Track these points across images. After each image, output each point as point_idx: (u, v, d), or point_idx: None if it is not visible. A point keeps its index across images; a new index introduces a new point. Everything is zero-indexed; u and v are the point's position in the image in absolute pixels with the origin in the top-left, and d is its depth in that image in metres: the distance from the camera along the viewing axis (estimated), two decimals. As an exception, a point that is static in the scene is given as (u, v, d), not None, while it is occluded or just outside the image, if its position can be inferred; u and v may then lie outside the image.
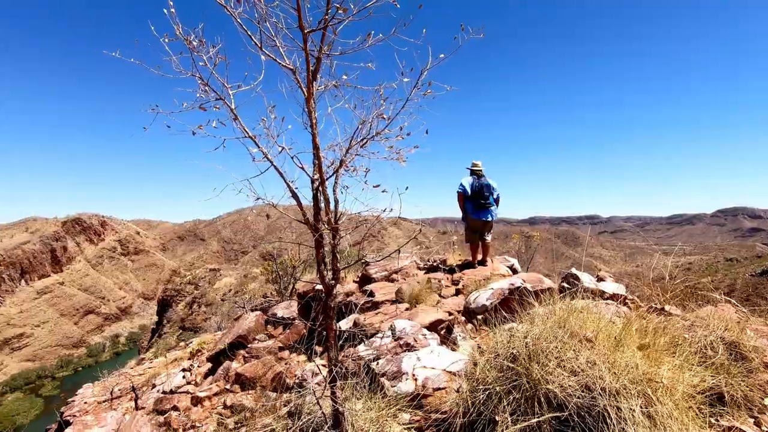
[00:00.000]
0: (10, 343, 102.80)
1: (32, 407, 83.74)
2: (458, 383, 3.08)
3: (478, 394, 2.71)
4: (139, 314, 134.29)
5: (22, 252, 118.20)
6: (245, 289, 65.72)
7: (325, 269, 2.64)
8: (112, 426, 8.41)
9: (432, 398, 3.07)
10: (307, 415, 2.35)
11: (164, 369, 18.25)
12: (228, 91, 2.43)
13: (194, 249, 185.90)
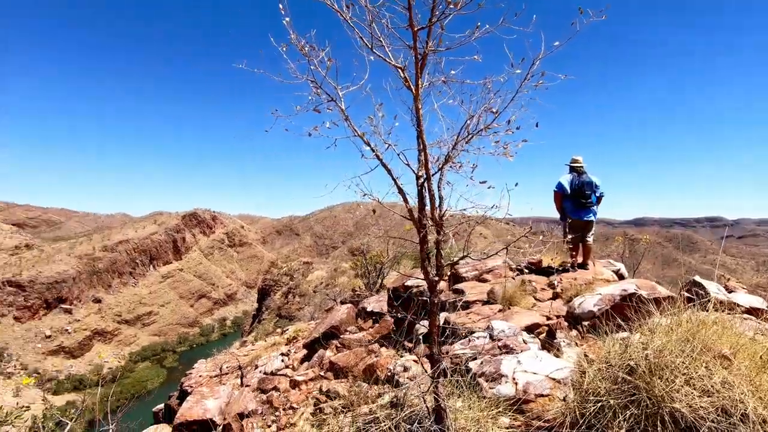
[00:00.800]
0: (141, 319, 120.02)
1: (158, 375, 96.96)
2: (563, 392, 2.90)
3: (589, 405, 2.53)
4: (243, 300, 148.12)
5: (151, 241, 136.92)
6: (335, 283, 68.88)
7: (429, 265, 2.65)
8: (224, 398, 9.34)
9: (534, 404, 2.93)
10: (409, 407, 2.39)
11: (264, 352, 19.87)
12: (339, 92, 2.57)
13: (290, 243, 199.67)
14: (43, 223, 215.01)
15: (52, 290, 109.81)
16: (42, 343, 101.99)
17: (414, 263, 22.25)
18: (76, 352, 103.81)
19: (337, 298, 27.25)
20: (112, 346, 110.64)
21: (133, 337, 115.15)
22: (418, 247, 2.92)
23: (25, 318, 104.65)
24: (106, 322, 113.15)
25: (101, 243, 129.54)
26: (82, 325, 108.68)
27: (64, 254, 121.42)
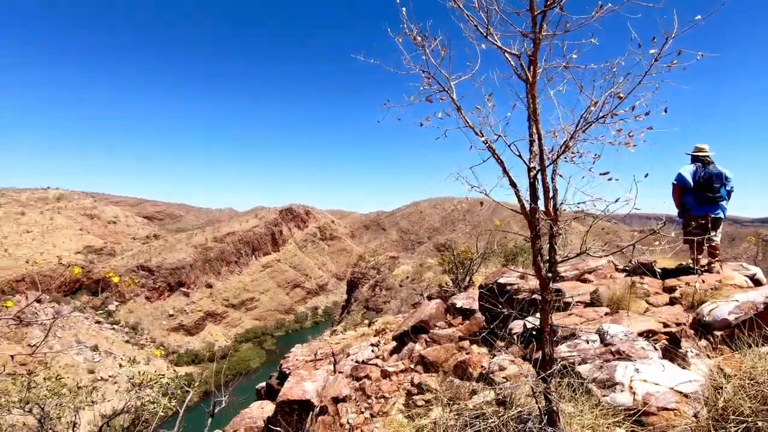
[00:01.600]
0: (245, 304, 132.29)
1: (258, 356, 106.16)
2: (693, 407, 2.58)
3: (729, 426, 2.23)
4: (333, 291, 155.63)
5: (253, 234, 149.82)
6: (421, 278, 69.22)
7: (541, 261, 2.54)
8: (320, 382, 9.90)
9: (656, 418, 2.65)
10: (517, 407, 2.31)
11: (355, 342, 20.65)
12: (450, 83, 2.56)
13: (377, 237, 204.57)
14: (167, 216, 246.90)
15: (174, 275, 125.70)
16: (166, 320, 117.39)
17: (504, 261, 21.47)
18: (193, 331, 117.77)
19: (423, 293, 27.34)
20: (221, 326, 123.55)
21: (238, 320, 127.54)
22: (509, 244, 2.79)
23: (153, 298, 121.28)
24: (216, 305, 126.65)
25: (212, 235, 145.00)
26: (197, 307, 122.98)
27: (183, 244, 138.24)
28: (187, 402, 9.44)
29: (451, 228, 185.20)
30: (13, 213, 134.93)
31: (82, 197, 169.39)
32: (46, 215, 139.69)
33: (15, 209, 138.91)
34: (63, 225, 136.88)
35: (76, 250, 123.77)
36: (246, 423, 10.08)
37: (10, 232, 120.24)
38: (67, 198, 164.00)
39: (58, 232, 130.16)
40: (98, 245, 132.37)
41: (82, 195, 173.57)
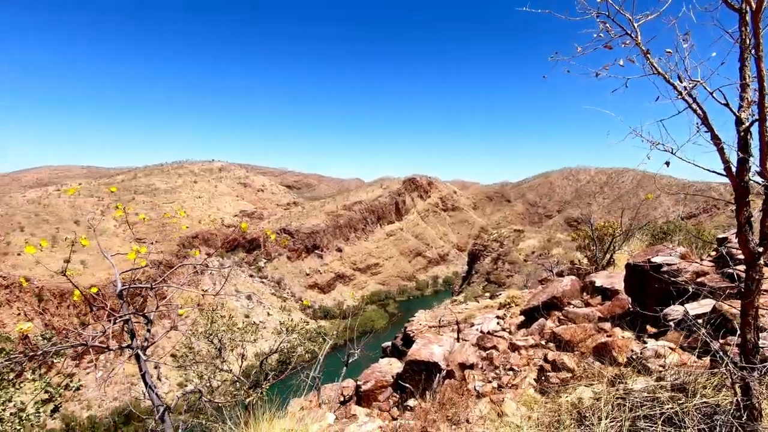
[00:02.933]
0: (370, 269, 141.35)
1: (382, 318, 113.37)
2: None
3: None
4: (453, 262, 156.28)
5: (378, 203, 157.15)
6: (549, 253, 65.12)
7: (749, 232, 2.09)
8: (447, 347, 10.09)
9: None
10: (701, 396, 2.02)
11: (477, 312, 20.53)
12: (634, 25, 2.20)
13: (500, 209, 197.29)
14: (304, 185, 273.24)
15: (310, 238, 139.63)
16: (303, 278, 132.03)
17: (651, 239, 18.89)
18: (325, 289, 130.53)
19: (553, 269, 25.73)
20: (349, 287, 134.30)
21: (364, 282, 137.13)
22: (658, 220, 2.34)
23: (293, 258, 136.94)
24: (345, 268, 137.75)
25: (342, 203, 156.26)
26: (329, 269, 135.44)
27: (317, 211, 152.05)
28: (326, 349, 10.50)
29: (585, 201, 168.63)
30: (189, 182, 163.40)
31: (238, 168, 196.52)
32: (212, 183, 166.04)
33: (190, 179, 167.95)
34: (224, 192, 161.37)
35: (233, 214, 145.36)
36: (376, 376, 10.83)
37: (187, 198, 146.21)
38: (227, 169, 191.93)
39: (220, 198, 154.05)
40: (250, 210, 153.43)
41: (237, 166, 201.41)
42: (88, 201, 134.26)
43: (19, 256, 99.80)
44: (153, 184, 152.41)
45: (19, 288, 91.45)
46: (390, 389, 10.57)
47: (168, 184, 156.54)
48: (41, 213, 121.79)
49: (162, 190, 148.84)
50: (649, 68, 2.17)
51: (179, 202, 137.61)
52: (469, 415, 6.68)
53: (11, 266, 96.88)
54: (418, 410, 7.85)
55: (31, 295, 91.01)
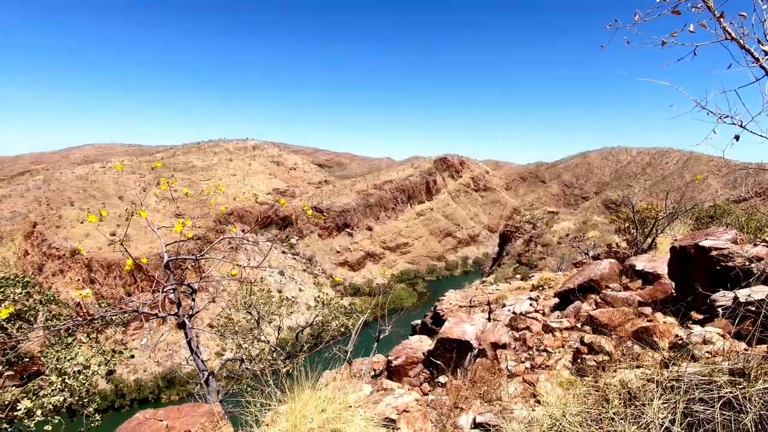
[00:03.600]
0: (400, 248, 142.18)
1: (411, 296, 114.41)
2: None
3: None
4: (484, 243, 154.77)
5: (409, 182, 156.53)
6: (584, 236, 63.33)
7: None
8: (479, 326, 10.08)
9: None
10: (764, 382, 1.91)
11: (509, 293, 20.34)
12: (704, -14, 2.03)
13: (534, 190, 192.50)
14: (335, 164, 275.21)
15: (340, 217, 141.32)
16: (334, 256, 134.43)
17: (695, 224, 18.02)
18: (355, 267, 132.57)
19: (588, 252, 25.03)
20: (378, 266, 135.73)
21: (393, 261, 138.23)
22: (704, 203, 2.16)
23: (324, 235, 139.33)
24: (375, 247, 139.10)
25: (372, 182, 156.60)
26: (359, 247, 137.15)
27: (348, 190, 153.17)
28: (360, 324, 10.69)
29: (625, 183, 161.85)
30: (224, 159, 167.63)
31: (271, 147, 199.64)
32: (246, 161, 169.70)
33: (225, 156, 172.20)
34: (257, 170, 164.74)
35: (266, 191, 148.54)
36: (407, 352, 10.98)
37: (223, 175, 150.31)
38: (260, 147, 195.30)
39: (254, 176, 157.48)
40: (282, 188, 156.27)
41: (270, 145, 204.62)
42: (130, 178, 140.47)
43: (73, 229, 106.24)
44: (190, 162, 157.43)
45: (71, 258, 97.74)
46: (420, 365, 10.71)
47: (204, 162, 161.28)
48: (88, 189, 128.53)
49: (199, 167, 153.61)
50: (722, 33, 1.98)
51: (215, 179, 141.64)
52: (501, 394, 6.69)
53: (63, 238, 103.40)
54: (450, 386, 7.95)
55: (82, 265, 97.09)
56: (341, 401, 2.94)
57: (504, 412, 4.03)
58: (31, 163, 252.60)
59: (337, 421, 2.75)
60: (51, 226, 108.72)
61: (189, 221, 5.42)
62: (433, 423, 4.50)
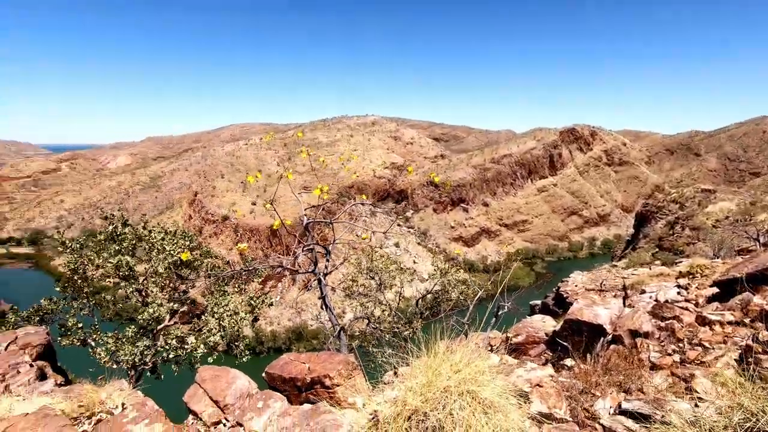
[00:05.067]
0: (517, 225, 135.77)
1: (528, 276, 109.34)
2: None
3: None
4: (616, 224, 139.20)
5: (530, 156, 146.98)
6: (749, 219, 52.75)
7: None
8: (615, 311, 9.18)
9: None
10: None
11: (649, 280, 18.12)
12: None
13: (684, 165, 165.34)
14: (451, 138, 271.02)
15: (456, 192, 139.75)
16: (448, 231, 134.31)
17: None
18: (469, 243, 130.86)
19: (759, 237, 20.96)
20: (494, 243, 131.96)
21: (510, 239, 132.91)
22: None
23: (439, 210, 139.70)
24: (491, 223, 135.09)
25: (490, 156, 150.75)
26: (474, 222, 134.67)
27: (464, 164, 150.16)
28: (476, 298, 10.55)
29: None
30: (346, 135, 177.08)
31: (389, 122, 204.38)
32: (365, 137, 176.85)
33: (347, 133, 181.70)
34: (376, 145, 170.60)
35: (384, 166, 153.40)
36: (528, 330, 10.57)
37: (344, 150, 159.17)
38: (379, 123, 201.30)
39: (372, 151, 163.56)
40: (399, 162, 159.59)
41: (388, 120, 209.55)
42: (267, 153, 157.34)
43: (223, 198, 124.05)
44: (316, 138, 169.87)
45: (222, 223, 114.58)
46: (543, 346, 10.25)
47: (329, 138, 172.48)
48: (235, 163, 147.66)
49: (324, 143, 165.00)
50: None
51: (338, 154, 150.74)
52: (643, 385, 6.05)
53: (216, 206, 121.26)
54: (578, 371, 7.45)
55: (231, 229, 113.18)
56: (476, 365, 2.92)
57: (659, 402, 3.61)
58: (192, 142, 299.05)
59: (472, 383, 2.74)
60: (207, 195, 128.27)
61: (326, 187, 5.84)
62: (566, 402, 4.25)
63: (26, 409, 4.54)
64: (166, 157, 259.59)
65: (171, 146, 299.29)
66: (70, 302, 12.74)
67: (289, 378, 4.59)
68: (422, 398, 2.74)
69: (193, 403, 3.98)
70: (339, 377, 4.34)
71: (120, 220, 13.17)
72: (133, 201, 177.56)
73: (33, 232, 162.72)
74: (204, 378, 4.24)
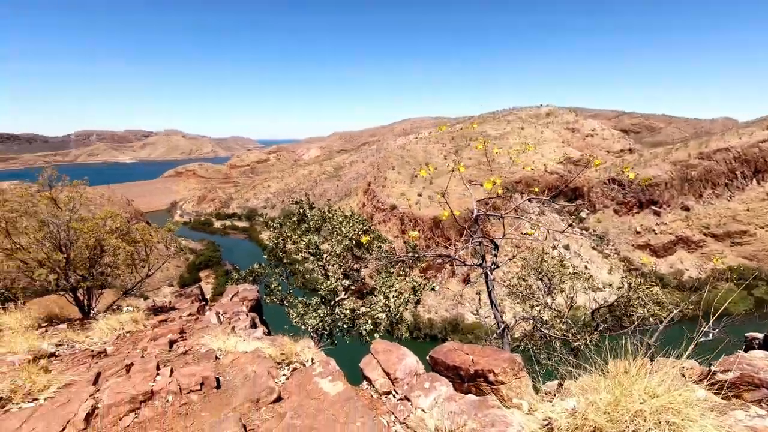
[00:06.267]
0: (731, 237, 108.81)
1: (742, 301, 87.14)
2: None
3: None
4: None
5: (758, 150, 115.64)
6: None
7: None
8: None
9: None
10: None
11: None
12: None
13: None
14: (644, 129, 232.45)
15: (645, 192, 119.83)
16: (632, 236, 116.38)
17: None
18: (659, 252, 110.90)
19: None
20: (694, 255, 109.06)
21: (718, 252, 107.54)
22: None
23: (621, 212, 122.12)
24: (692, 231, 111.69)
25: (697, 150, 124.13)
26: (667, 229, 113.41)
27: (659, 160, 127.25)
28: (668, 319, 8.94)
29: None
30: (516, 128, 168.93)
31: (566, 113, 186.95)
32: (538, 129, 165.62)
33: (518, 125, 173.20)
34: (549, 138, 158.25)
35: (557, 160, 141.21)
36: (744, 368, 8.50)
37: (514, 143, 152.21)
38: (554, 114, 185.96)
39: (545, 144, 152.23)
40: (576, 156, 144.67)
41: (566, 111, 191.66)
42: (435, 146, 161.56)
43: (393, 189, 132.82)
44: (485, 131, 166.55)
45: (390, 212, 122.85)
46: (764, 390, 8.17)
47: (498, 131, 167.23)
48: (405, 156, 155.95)
49: (492, 136, 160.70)
50: None
51: (506, 147, 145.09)
52: None
53: (386, 196, 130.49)
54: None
55: (397, 218, 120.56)
56: (680, 394, 2.43)
57: None
58: (369, 136, 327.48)
59: (674, 414, 2.29)
60: (379, 186, 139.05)
61: (499, 180, 5.67)
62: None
63: (245, 348, 5.71)
64: (348, 150, 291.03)
65: (352, 140, 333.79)
66: (273, 269, 15.52)
67: (453, 366, 4.67)
68: (607, 417, 2.42)
69: (368, 371, 4.41)
70: (504, 375, 4.21)
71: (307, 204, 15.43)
72: (320, 188, 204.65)
73: (249, 210, 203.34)
74: (377, 350, 4.64)
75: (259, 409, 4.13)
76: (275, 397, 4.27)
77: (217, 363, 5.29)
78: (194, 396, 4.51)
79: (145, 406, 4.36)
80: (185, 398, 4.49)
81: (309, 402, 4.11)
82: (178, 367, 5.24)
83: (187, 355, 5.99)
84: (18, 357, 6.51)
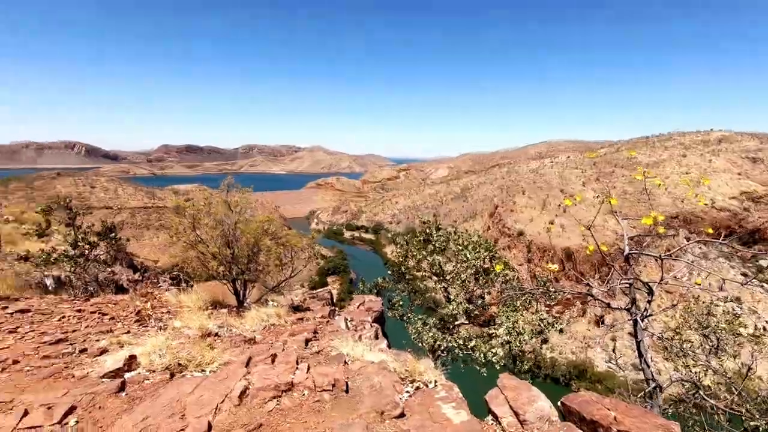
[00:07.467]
0: None
1: None
2: None
3: None
4: None
5: None
6: None
7: None
8: None
9: None
10: None
11: None
12: None
13: None
14: None
15: None
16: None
17: None
18: None
19: None
20: None
21: None
22: None
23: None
24: None
25: None
26: None
27: None
28: None
29: None
30: (677, 155, 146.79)
31: (747, 139, 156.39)
32: (705, 157, 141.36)
33: (678, 151, 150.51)
34: (720, 168, 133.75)
35: (730, 195, 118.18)
36: None
37: (671, 173, 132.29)
38: (729, 140, 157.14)
39: (714, 175, 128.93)
40: (758, 192, 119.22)
41: (747, 136, 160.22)
42: (573, 172, 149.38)
43: (521, 214, 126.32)
44: (634, 157, 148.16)
45: (516, 238, 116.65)
46: None
47: (651, 158, 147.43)
48: (537, 181, 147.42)
49: (643, 163, 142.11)
50: None
51: (661, 177, 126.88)
52: None
53: (514, 221, 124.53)
54: None
55: (524, 245, 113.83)
56: None
57: None
58: (500, 158, 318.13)
59: None
60: (507, 210, 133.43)
61: (662, 216, 4.99)
62: None
63: (371, 358, 5.98)
64: (476, 171, 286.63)
65: (482, 162, 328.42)
66: (396, 284, 16.00)
67: (590, 420, 4.20)
68: None
69: (494, 405, 4.23)
70: (656, 444, 3.66)
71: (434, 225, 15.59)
72: (445, 207, 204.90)
73: (376, 224, 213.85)
74: (505, 385, 4.42)
75: (383, 421, 4.26)
76: (399, 412, 4.37)
77: (346, 368, 5.63)
78: (326, 395, 4.88)
79: (286, 395, 4.86)
80: (318, 395, 4.88)
81: (432, 425, 4.09)
82: (313, 365, 5.73)
83: (320, 355, 6.51)
84: (192, 332, 7.86)
